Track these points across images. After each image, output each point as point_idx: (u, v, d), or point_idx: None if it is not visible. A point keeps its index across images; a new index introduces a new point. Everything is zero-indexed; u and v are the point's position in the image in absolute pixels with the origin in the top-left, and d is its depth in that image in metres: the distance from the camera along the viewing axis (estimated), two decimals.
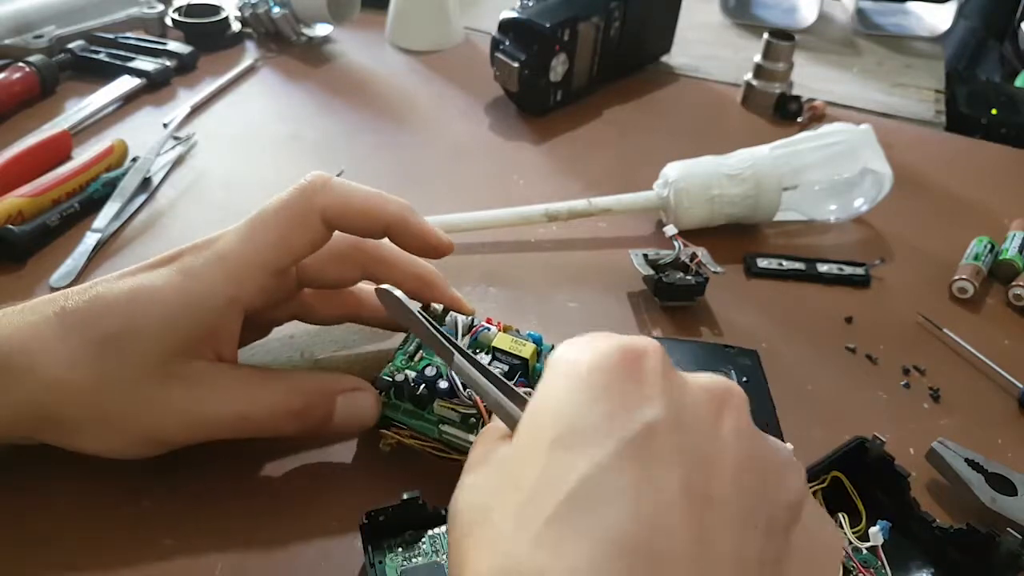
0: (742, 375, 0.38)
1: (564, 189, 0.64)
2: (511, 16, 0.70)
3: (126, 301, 0.34)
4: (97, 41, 0.77)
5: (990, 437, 0.46)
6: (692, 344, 0.41)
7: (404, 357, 0.40)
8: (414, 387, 0.37)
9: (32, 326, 0.34)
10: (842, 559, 0.24)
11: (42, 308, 0.35)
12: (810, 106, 0.77)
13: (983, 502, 0.39)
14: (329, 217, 0.36)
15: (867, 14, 1.01)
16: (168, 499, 0.37)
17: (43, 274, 0.51)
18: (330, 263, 0.40)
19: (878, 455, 0.38)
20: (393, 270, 0.41)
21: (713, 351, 0.40)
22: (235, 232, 0.36)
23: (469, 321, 0.41)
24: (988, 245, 0.59)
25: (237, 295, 0.35)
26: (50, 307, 0.34)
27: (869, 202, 0.62)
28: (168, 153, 0.63)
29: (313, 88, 0.77)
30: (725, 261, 0.55)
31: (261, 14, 0.82)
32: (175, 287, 0.35)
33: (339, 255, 0.40)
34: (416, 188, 0.63)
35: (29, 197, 0.54)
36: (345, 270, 0.41)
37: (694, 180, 0.58)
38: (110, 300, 0.34)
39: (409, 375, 0.38)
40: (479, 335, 0.40)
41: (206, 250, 0.36)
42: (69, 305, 0.34)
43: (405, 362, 0.40)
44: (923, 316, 0.54)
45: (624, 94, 0.79)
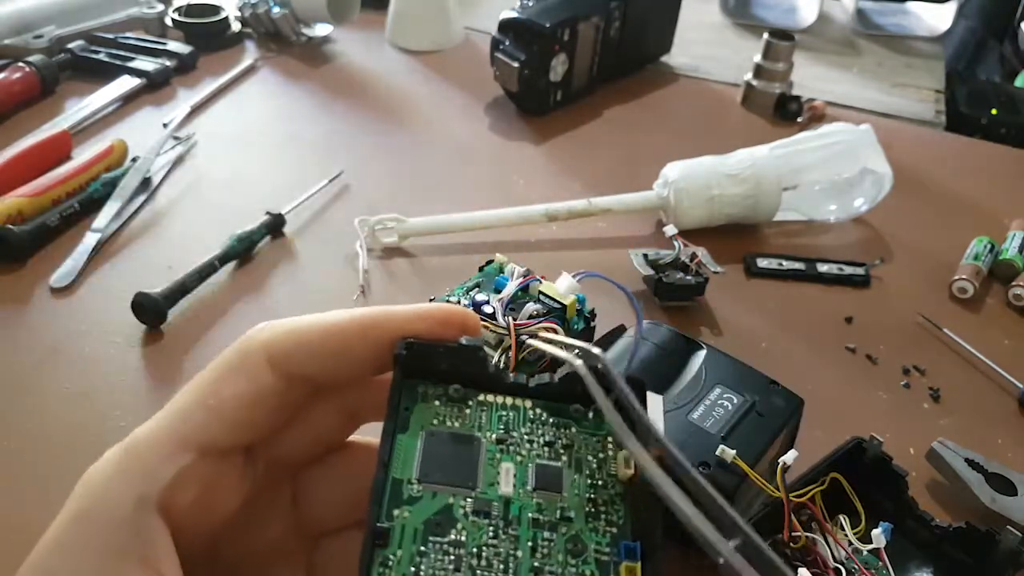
0: (763, 411, 0.38)
1: (564, 189, 0.64)
2: (511, 16, 0.70)
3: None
4: (97, 41, 0.77)
5: (990, 437, 0.46)
6: (738, 364, 0.41)
7: (463, 290, 0.45)
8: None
9: None
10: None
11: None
12: (810, 106, 0.77)
13: (983, 502, 0.39)
14: (276, 353, 0.23)
15: (867, 14, 1.01)
16: None
17: (43, 274, 0.51)
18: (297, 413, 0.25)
19: (876, 455, 0.38)
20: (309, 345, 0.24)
21: (755, 379, 0.40)
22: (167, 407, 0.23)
23: (524, 271, 0.45)
24: (988, 245, 0.59)
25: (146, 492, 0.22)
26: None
27: (869, 202, 0.62)
28: (168, 153, 0.63)
29: (313, 88, 0.77)
30: (725, 261, 0.55)
31: (261, 14, 0.82)
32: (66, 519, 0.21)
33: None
34: (416, 188, 0.63)
35: (29, 197, 0.55)
36: (324, 417, 0.25)
37: (694, 180, 0.58)
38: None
39: (463, 301, 0.42)
40: (529, 285, 0.45)
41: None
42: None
43: (463, 293, 0.44)
44: (923, 316, 0.54)
45: (624, 94, 0.79)
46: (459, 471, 0.22)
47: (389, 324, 0.24)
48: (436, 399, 0.24)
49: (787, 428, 0.39)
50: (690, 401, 0.38)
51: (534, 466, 0.22)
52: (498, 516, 0.21)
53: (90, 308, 0.49)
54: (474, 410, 0.24)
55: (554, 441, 0.23)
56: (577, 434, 0.23)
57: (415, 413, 0.23)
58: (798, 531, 0.33)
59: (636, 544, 0.21)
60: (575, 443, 0.23)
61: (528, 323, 0.43)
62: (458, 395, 0.24)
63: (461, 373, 0.24)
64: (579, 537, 0.21)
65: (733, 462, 0.35)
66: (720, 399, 0.39)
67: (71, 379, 0.45)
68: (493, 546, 0.21)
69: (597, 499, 0.22)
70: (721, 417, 0.38)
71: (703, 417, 0.38)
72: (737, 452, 0.35)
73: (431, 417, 0.23)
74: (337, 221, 0.58)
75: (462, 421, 0.23)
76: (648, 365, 0.41)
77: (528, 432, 0.23)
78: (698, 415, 0.38)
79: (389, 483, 0.22)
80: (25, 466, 0.40)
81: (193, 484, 0.22)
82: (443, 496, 0.22)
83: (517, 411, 0.24)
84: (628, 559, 0.21)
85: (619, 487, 0.22)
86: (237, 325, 0.49)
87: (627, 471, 0.22)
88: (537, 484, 0.22)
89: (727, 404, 0.38)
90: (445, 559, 0.20)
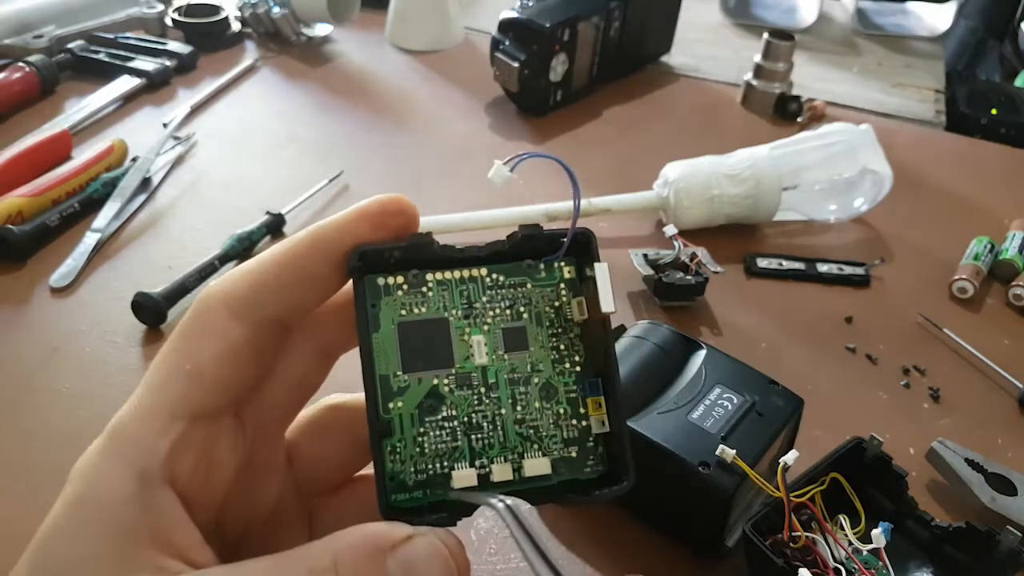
0: (763, 411, 0.38)
1: (564, 189, 0.64)
2: (511, 16, 0.70)
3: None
4: (97, 41, 0.77)
5: (990, 437, 0.46)
6: (738, 364, 0.41)
7: None
8: None
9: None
10: None
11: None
12: (810, 106, 0.77)
13: (983, 502, 0.39)
14: (235, 303, 0.23)
15: (867, 14, 1.01)
16: None
17: (43, 274, 0.51)
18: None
19: (876, 455, 0.38)
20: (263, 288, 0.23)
21: (755, 379, 0.40)
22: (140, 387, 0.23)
23: None
24: (988, 245, 0.59)
25: (148, 466, 0.21)
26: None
27: (869, 202, 0.62)
28: (168, 153, 0.63)
29: (313, 88, 0.77)
30: (725, 261, 0.55)
31: (261, 14, 0.82)
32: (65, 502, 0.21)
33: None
34: (416, 188, 0.63)
35: (29, 197, 0.55)
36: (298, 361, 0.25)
37: (694, 180, 0.58)
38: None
39: None
40: None
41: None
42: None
43: None
44: (923, 316, 0.54)
45: (624, 94, 0.79)
46: (436, 354, 0.24)
47: (334, 236, 0.24)
48: (399, 289, 0.25)
49: (787, 428, 0.39)
50: (690, 401, 0.38)
51: (500, 331, 0.25)
52: (479, 384, 0.24)
53: (90, 308, 0.49)
54: (435, 291, 0.25)
55: (513, 302, 0.25)
56: (533, 288, 0.25)
57: (383, 309, 0.24)
58: (798, 531, 0.33)
59: (597, 379, 0.24)
60: (532, 298, 0.25)
61: None
62: (418, 279, 0.25)
63: (416, 261, 0.25)
64: (549, 383, 0.24)
65: (733, 462, 0.35)
66: (720, 399, 0.39)
67: (71, 379, 0.45)
68: (480, 411, 0.24)
69: (559, 345, 0.25)
70: (721, 417, 0.38)
71: (703, 417, 0.38)
72: (737, 452, 0.35)
73: (398, 309, 0.24)
74: None
75: (428, 306, 0.25)
76: (648, 365, 0.41)
77: (489, 300, 0.25)
78: (698, 415, 0.38)
79: (378, 381, 0.23)
80: (25, 466, 0.40)
81: (190, 452, 0.22)
82: (428, 380, 0.24)
83: (475, 282, 0.25)
84: (592, 393, 0.24)
85: (576, 329, 0.25)
86: None
87: (581, 316, 0.24)
88: (507, 347, 0.24)
89: (727, 404, 0.38)
90: (443, 433, 0.23)
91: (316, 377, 0.26)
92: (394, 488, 0.22)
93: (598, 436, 0.24)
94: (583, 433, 0.24)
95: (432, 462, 0.23)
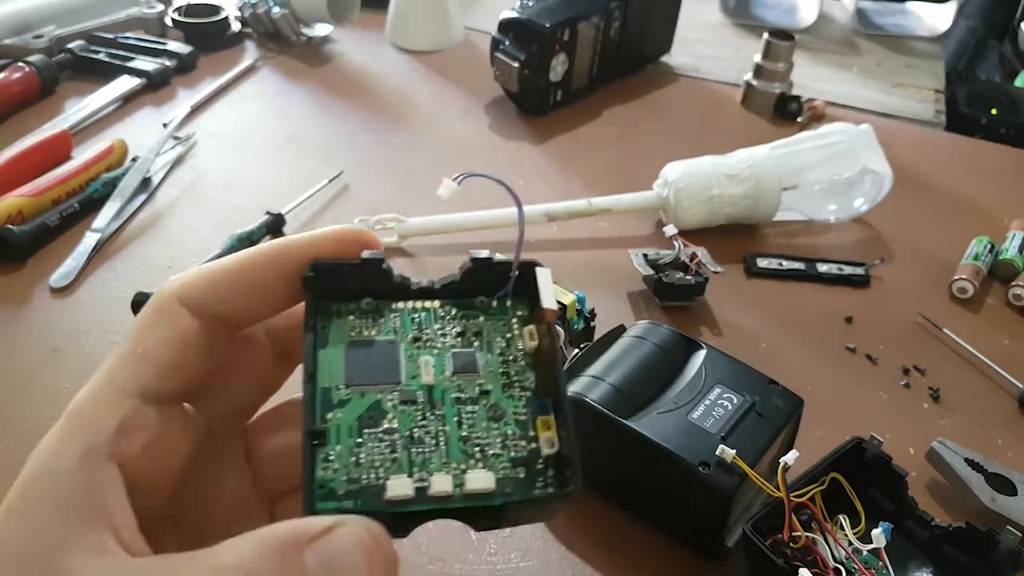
0: (763, 411, 0.38)
1: (564, 189, 0.64)
2: (511, 16, 0.70)
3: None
4: (97, 41, 0.77)
5: (990, 437, 0.46)
6: (738, 364, 0.41)
7: None
8: None
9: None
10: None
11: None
12: (810, 106, 0.77)
13: (983, 502, 0.39)
14: (188, 297, 0.24)
15: (867, 14, 1.01)
16: None
17: (43, 274, 0.51)
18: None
19: (876, 455, 0.38)
20: (222, 287, 0.24)
21: (755, 379, 0.40)
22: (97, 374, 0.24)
23: None
24: (988, 245, 0.59)
25: (92, 443, 0.22)
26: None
27: (869, 202, 0.62)
28: (168, 153, 0.63)
29: (313, 88, 0.77)
30: (725, 261, 0.55)
31: (261, 14, 0.82)
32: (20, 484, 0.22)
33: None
34: (416, 188, 0.63)
35: (29, 197, 0.55)
36: (258, 362, 0.27)
37: (694, 180, 0.58)
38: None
39: None
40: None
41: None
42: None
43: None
44: (923, 316, 0.54)
45: (624, 94, 0.79)
46: (383, 371, 0.24)
47: (294, 251, 0.25)
48: (350, 314, 0.25)
49: (787, 428, 0.39)
50: (690, 401, 0.38)
51: (450, 354, 0.25)
52: (424, 402, 0.24)
53: (90, 308, 0.49)
54: (387, 318, 0.25)
55: (465, 331, 0.25)
56: (485, 322, 0.26)
57: (332, 330, 0.25)
58: (798, 531, 0.34)
59: (548, 400, 0.24)
60: (483, 329, 0.26)
61: None
62: (370, 307, 0.25)
63: (370, 288, 0.25)
64: (498, 405, 0.24)
65: (733, 462, 0.35)
66: (720, 399, 0.39)
67: (71, 379, 0.45)
68: (423, 426, 0.23)
69: (510, 371, 0.25)
70: (721, 417, 0.38)
71: (703, 417, 0.38)
72: (737, 452, 0.35)
73: (348, 330, 0.25)
74: (337, 221, 0.59)
75: (378, 329, 0.25)
76: (648, 365, 0.41)
77: (440, 328, 0.26)
78: (698, 415, 0.38)
79: (318, 392, 0.23)
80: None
81: (139, 431, 0.22)
82: (371, 395, 0.23)
83: (428, 312, 0.26)
84: (542, 413, 0.24)
85: (527, 358, 0.25)
86: None
87: (532, 343, 0.25)
88: (455, 369, 0.24)
89: (727, 404, 0.38)
90: (381, 445, 0.22)
91: (275, 379, 0.26)
92: (323, 496, 0.21)
93: (548, 457, 0.23)
94: (532, 454, 0.23)
95: (367, 472, 0.22)
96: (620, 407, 0.38)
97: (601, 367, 0.40)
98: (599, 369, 0.40)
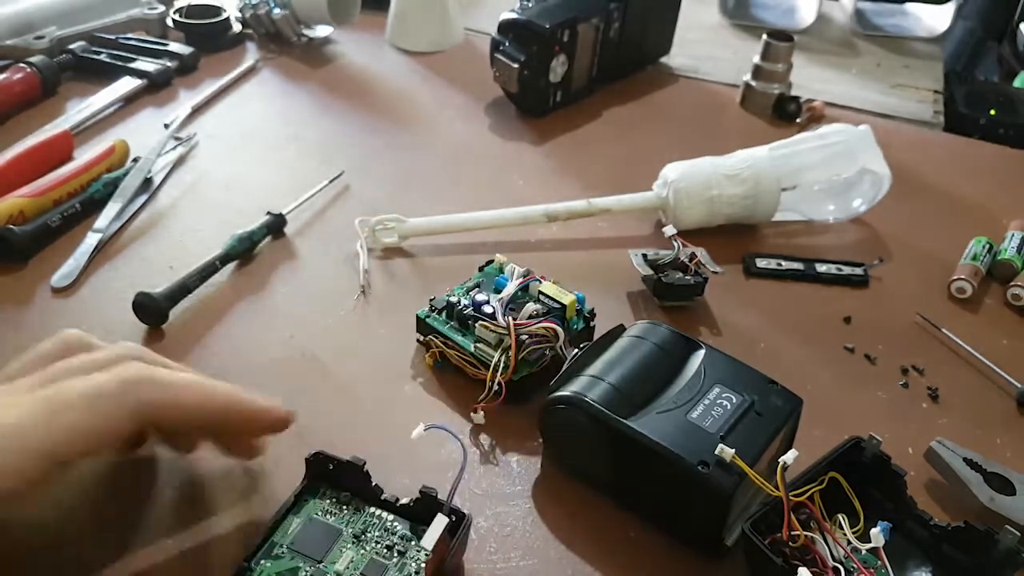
0: (762, 410, 0.38)
1: (564, 189, 0.64)
2: (511, 17, 0.70)
3: None
4: (98, 42, 0.77)
5: (988, 437, 0.46)
6: (737, 364, 0.41)
7: (463, 290, 0.48)
8: (463, 309, 0.45)
9: None
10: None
11: None
12: (809, 107, 0.77)
13: (981, 501, 0.39)
14: (148, 412, 0.30)
15: (866, 15, 1.01)
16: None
17: (44, 274, 0.51)
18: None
19: (874, 455, 0.38)
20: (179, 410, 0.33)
21: (754, 379, 0.40)
22: (28, 406, 0.29)
23: (524, 271, 0.47)
24: (986, 245, 0.59)
25: (14, 487, 0.28)
26: None
27: (868, 202, 0.62)
28: (169, 153, 0.64)
29: (313, 89, 0.77)
30: (724, 261, 0.55)
31: (262, 15, 0.82)
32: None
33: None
34: (416, 188, 0.64)
35: (30, 197, 0.55)
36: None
37: (693, 180, 0.58)
38: None
39: (463, 300, 0.46)
40: (529, 284, 0.46)
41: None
42: None
43: (463, 293, 0.48)
44: (922, 316, 0.54)
45: (623, 95, 0.80)
46: (316, 548, 0.34)
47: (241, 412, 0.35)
48: (329, 499, 0.37)
49: (786, 427, 0.39)
50: (689, 400, 0.39)
51: (370, 559, 0.34)
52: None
53: (91, 308, 0.50)
54: (350, 511, 0.36)
55: (392, 546, 0.35)
56: (413, 546, 0.35)
57: (308, 505, 0.36)
58: (797, 530, 0.34)
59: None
60: (408, 551, 0.35)
61: (528, 323, 0.43)
62: (344, 499, 0.37)
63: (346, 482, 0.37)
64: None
65: (732, 461, 0.35)
66: (719, 398, 0.39)
67: None
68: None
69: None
70: (720, 416, 0.38)
71: (702, 416, 0.38)
72: (736, 451, 0.35)
73: (318, 509, 0.36)
74: (338, 221, 0.59)
75: (337, 517, 0.36)
76: (647, 364, 0.41)
77: (379, 536, 0.35)
78: (697, 414, 0.38)
79: (268, 541, 0.34)
80: None
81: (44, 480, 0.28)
82: (297, 560, 0.34)
83: (379, 520, 0.36)
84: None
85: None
86: (238, 325, 0.49)
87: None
88: (364, 571, 0.34)
89: (726, 403, 0.39)
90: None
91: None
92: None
93: None
94: None
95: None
96: (619, 407, 0.38)
97: (600, 367, 0.40)
98: (598, 369, 0.40)
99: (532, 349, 0.43)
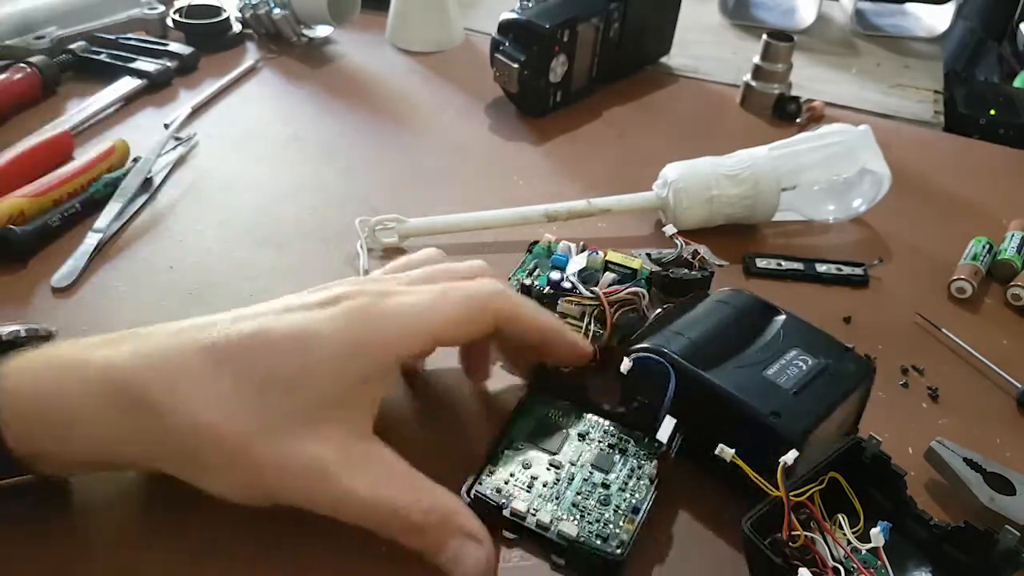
0: (835, 373, 0.40)
1: (564, 189, 0.64)
2: (511, 17, 0.70)
3: (293, 340, 0.32)
4: (98, 42, 0.77)
5: (989, 437, 0.46)
6: (815, 330, 0.43)
7: (524, 272, 0.50)
8: (541, 289, 0.46)
9: (176, 364, 0.31)
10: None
11: (186, 340, 0.31)
12: (809, 107, 0.77)
13: (982, 501, 0.39)
14: (499, 320, 0.38)
15: (866, 15, 1.01)
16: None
17: (44, 274, 0.51)
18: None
19: (874, 455, 0.38)
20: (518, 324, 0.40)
21: (830, 345, 0.42)
22: (410, 297, 0.36)
23: (581, 245, 0.50)
24: (986, 245, 0.59)
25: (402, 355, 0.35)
26: (197, 341, 0.31)
27: (867, 202, 0.62)
28: (169, 154, 0.64)
29: (314, 89, 0.77)
30: (724, 261, 0.55)
31: (262, 15, 0.82)
32: (345, 332, 0.33)
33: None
34: (416, 188, 0.64)
35: (30, 197, 0.55)
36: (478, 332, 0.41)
37: (693, 180, 0.58)
38: (275, 338, 0.32)
39: (536, 283, 0.47)
40: (589, 257, 0.49)
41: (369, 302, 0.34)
42: (222, 341, 0.31)
43: (525, 275, 0.49)
44: (921, 316, 0.54)
45: (623, 95, 0.80)
46: (550, 443, 0.40)
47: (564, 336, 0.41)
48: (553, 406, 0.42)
49: (858, 391, 0.41)
50: (766, 359, 0.40)
51: (597, 451, 0.39)
52: (562, 470, 0.38)
53: (91, 308, 0.49)
54: (572, 417, 0.41)
55: (615, 444, 0.40)
56: (632, 446, 0.40)
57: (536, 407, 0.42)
58: (797, 530, 0.34)
59: (640, 507, 0.37)
60: (628, 449, 0.40)
61: (613, 290, 0.46)
62: (563, 407, 0.42)
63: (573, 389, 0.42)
64: (609, 497, 0.37)
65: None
66: (796, 359, 0.41)
67: None
68: (554, 483, 0.38)
69: (630, 483, 0.38)
70: (794, 376, 0.39)
71: (777, 374, 0.39)
72: (807, 408, 0.38)
73: (546, 411, 0.41)
74: (337, 221, 0.59)
75: (564, 420, 0.41)
76: (727, 325, 0.43)
77: (600, 437, 0.40)
78: (772, 372, 0.39)
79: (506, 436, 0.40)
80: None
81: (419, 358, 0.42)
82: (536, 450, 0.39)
83: (597, 424, 0.41)
84: (633, 514, 0.37)
85: (646, 480, 0.38)
86: None
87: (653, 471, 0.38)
88: (594, 462, 0.39)
89: (801, 364, 0.40)
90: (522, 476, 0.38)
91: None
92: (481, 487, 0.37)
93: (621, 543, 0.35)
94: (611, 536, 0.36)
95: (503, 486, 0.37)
96: (697, 360, 0.39)
97: (682, 324, 0.42)
98: (679, 326, 0.42)
99: (621, 314, 0.46)
